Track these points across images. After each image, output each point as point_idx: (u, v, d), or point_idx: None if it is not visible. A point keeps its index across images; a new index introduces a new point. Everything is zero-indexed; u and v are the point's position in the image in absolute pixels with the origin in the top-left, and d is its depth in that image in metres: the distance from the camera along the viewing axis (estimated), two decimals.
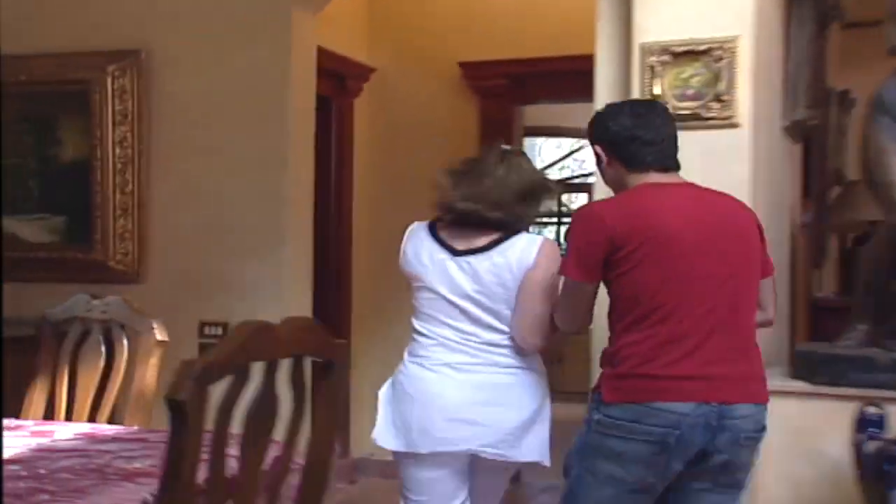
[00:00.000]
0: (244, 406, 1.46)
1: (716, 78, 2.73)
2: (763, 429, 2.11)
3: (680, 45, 2.77)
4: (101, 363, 2.41)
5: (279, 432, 1.56)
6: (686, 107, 2.78)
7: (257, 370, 1.47)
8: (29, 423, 2.25)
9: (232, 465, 1.49)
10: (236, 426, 1.47)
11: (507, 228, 2.34)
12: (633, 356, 2.05)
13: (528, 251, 2.31)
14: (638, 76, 2.85)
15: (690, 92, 2.78)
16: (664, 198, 2.12)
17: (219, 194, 3.61)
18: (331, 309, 4.31)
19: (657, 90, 2.80)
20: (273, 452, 1.60)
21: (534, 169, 2.50)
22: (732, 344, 2.07)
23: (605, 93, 3.02)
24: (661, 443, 2.02)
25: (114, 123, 3.67)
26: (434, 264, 2.34)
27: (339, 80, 4.54)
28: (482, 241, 2.34)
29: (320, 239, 4.07)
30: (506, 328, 2.32)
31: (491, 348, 2.32)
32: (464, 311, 2.32)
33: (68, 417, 2.43)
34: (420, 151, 4.68)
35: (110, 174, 3.66)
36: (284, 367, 1.55)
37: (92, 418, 2.39)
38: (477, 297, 2.31)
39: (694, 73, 2.77)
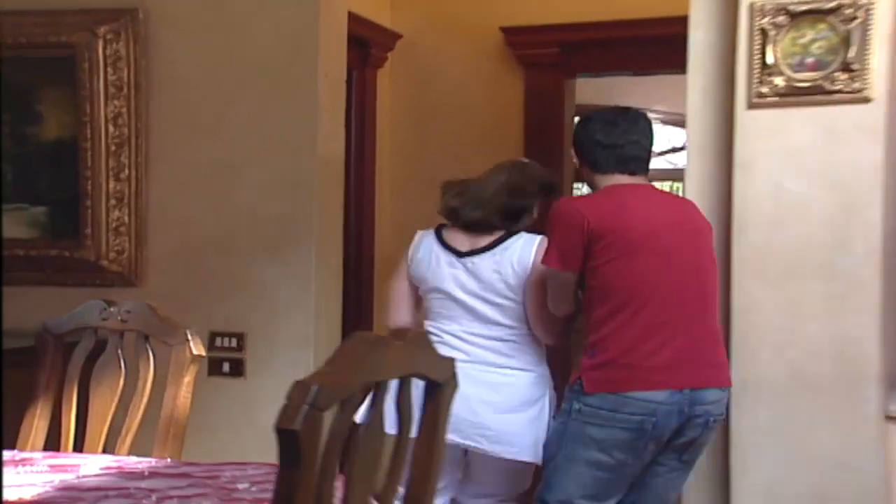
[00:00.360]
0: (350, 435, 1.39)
1: (844, 42, 2.65)
2: (724, 410, 2.66)
3: (800, 3, 2.69)
4: (121, 382, 2.33)
5: None
6: (805, 78, 2.70)
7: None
8: (37, 455, 2.17)
9: None
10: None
11: (498, 228, 2.88)
12: (612, 347, 2.55)
13: (526, 249, 2.84)
14: (745, 42, 2.77)
15: (811, 60, 2.70)
16: (631, 198, 2.65)
17: (232, 181, 3.54)
18: (350, 309, 4.25)
19: (769, 59, 2.72)
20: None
21: (537, 170, 3.02)
22: (703, 333, 2.61)
23: (701, 64, 2.94)
24: (638, 429, 2.52)
25: (106, 96, 3.58)
26: (441, 266, 2.90)
27: (360, 47, 4.46)
28: (484, 241, 2.89)
29: None
30: (508, 323, 2.84)
31: (491, 344, 2.85)
32: (470, 309, 2.86)
33: (77, 448, 2.34)
34: (453, 132, 4.64)
35: (102, 157, 3.57)
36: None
37: (108, 449, 2.31)
38: (482, 293, 2.85)
39: (816, 38, 2.69)
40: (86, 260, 3.61)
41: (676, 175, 9.68)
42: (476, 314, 2.85)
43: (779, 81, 2.71)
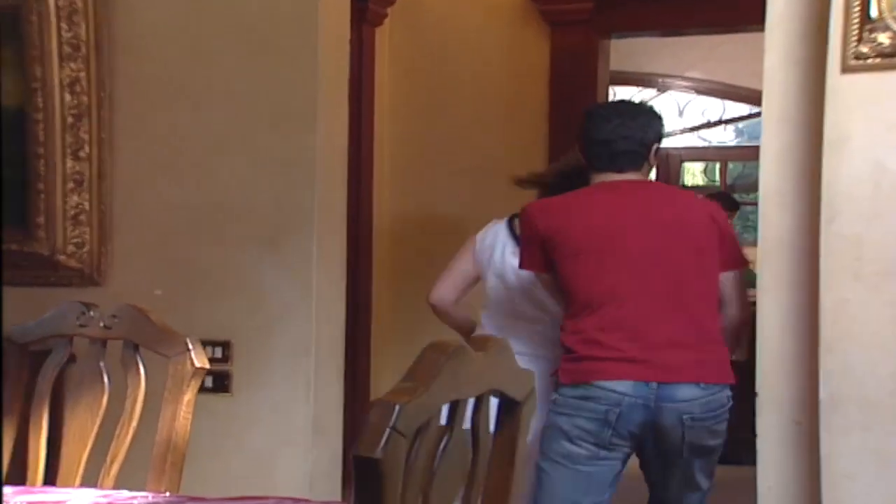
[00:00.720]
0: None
1: None
2: (717, 409, 2.98)
3: None
4: (104, 400, 2.28)
5: None
6: None
7: None
8: (7, 490, 2.11)
9: None
10: None
11: None
12: (581, 342, 2.96)
13: None
14: None
15: None
16: (601, 197, 3.06)
17: (215, 160, 3.51)
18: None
19: (872, 11, 2.68)
20: None
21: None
22: (676, 328, 2.96)
23: (784, 17, 2.89)
24: (603, 420, 2.92)
25: (61, 58, 3.53)
26: (506, 256, 3.35)
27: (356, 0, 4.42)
28: None
29: None
30: (544, 317, 3.30)
31: (525, 337, 3.28)
32: (522, 299, 3.34)
33: (49, 481, 2.31)
34: (465, 105, 4.66)
35: (57, 131, 3.53)
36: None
37: (88, 481, 2.26)
38: (531, 288, 3.28)
39: None
40: (38, 254, 3.58)
41: (709, 154, 9.74)
42: (526, 305, 3.35)
43: (883, 39, 2.67)
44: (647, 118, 3.14)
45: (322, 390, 3.45)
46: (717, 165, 9.37)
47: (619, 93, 7.41)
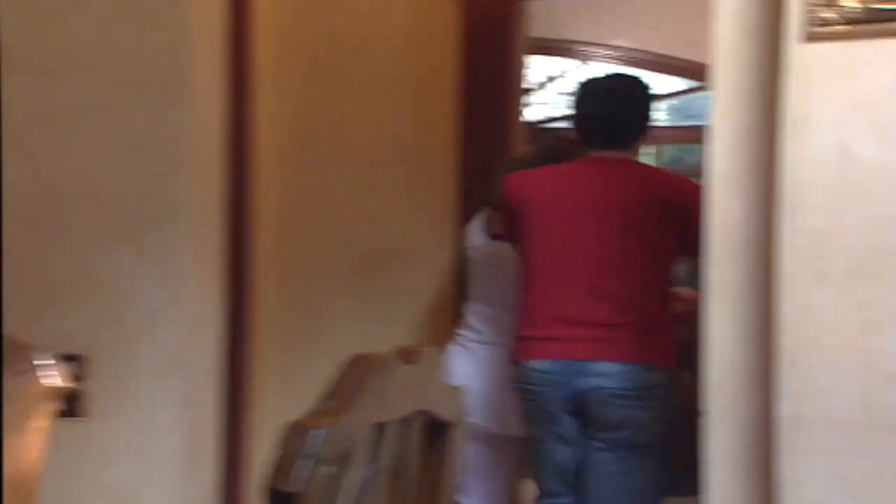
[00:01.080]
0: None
1: None
2: (638, 388, 3.48)
3: None
4: None
5: None
6: None
7: None
8: None
9: None
10: None
11: None
12: (521, 322, 3.63)
13: None
14: None
15: None
16: (566, 172, 3.66)
17: (63, 136, 3.45)
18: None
19: None
20: None
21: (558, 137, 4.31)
22: (604, 310, 3.50)
23: None
24: (533, 400, 3.59)
25: None
26: (475, 248, 4.03)
27: None
28: None
29: None
30: (509, 305, 3.83)
31: (495, 325, 3.96)
32: (483, 291, 4.03)
33: None
34: (360, 72, 4.65)
35: None
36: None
37: None
38: (496, 274, 3.98)
39: None
40: None
41: None
42: (491, 293, 3.99)
43: (851, 2, 2.73)
44: (643, 92, 3.69)
45: (195, 412, 3.44)
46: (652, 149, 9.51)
47: (535, 63, 7.49)
